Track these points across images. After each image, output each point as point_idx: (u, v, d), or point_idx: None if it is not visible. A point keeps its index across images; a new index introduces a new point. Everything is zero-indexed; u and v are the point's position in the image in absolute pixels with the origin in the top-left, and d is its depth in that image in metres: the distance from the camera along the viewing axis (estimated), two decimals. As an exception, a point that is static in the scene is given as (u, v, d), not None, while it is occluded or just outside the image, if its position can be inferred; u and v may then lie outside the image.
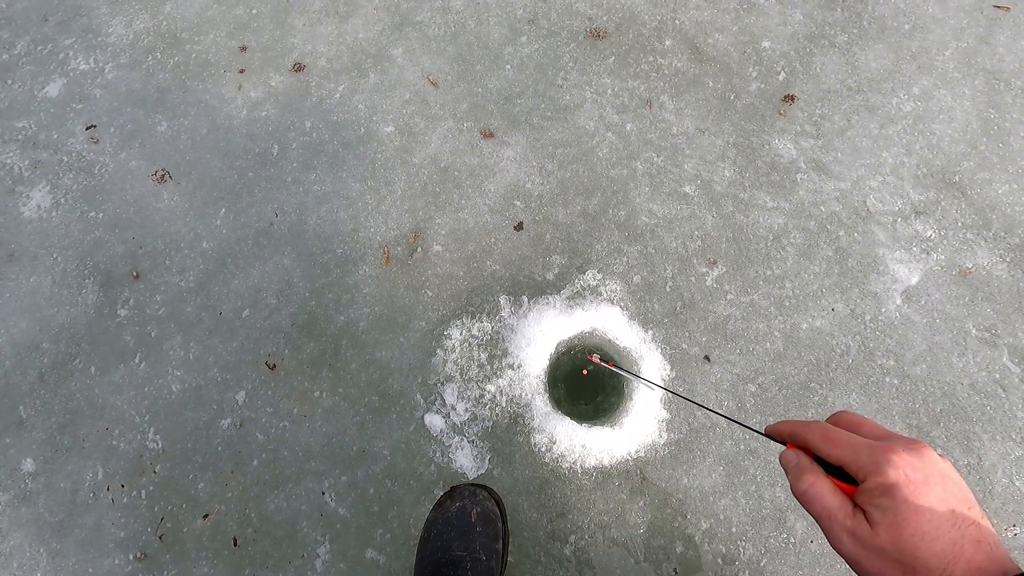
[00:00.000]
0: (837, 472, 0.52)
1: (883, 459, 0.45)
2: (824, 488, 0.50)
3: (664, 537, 1.42)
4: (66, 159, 1.93)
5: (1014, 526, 1.35)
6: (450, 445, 1.50)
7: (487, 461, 1.49)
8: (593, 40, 2.01)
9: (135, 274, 1.75)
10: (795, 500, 1.39)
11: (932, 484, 0.45)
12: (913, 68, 1.88)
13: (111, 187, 1.88)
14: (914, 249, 1.65)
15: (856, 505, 0.48)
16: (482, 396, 1.54)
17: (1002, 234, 1.64)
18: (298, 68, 2.04)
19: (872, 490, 0.45)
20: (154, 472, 1.54)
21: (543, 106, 1.90)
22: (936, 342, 1.54)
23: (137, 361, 1.65)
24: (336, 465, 1.51)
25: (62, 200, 1.87)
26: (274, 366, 1.62)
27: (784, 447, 0.62)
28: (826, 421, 0.57)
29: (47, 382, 1.64)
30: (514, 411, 1.52)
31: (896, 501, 0.43)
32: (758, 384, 1.53)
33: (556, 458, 1.47)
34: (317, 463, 1.52)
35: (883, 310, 1.59)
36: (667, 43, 1.99)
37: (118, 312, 1.71)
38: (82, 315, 1.71)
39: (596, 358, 1.36)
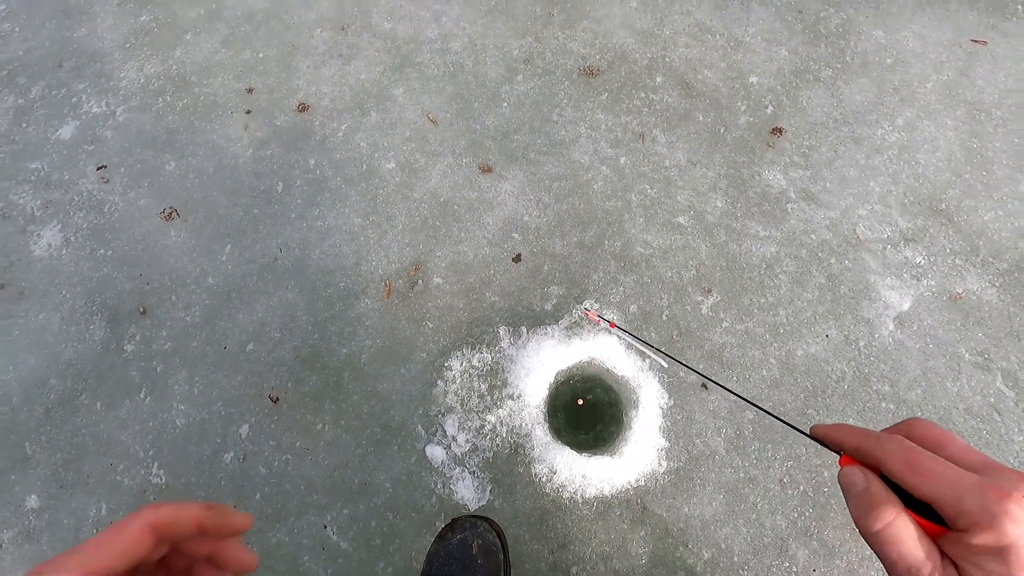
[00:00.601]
0: (918, 504, 0.40)
1: (998, 508, 0.33)
2: (906, 531, 0.38)
3: (666, 567, 1.42)
4: (77, 199, 1.99)
5: (1016, 552, 1.35)
6: (451, 476, 1.51)
7: (488, 492, 1.49)
8: (586, 78, 2.08)
9: (142, 310, 1.79)
10: (801, 529, 1.40)
11: None
12: (896, 100, 1.95)
13: (120, 225, 1.93)
14: (904, 275, 1.68)
15: (944, 555, 0.37)
16: (483, 427, 1.55)
17: (990, 260, 1.68)
18: (302, 108, 2.11)
19: (978, 547, 0.34)
20: (157, 507, 1.54)
21: (539, 141, 1.97)
22: (930, 367, 1.56)
23: (142, 396, 1.67)
24: (338, 498, 1.52)
25: (72, 238, 1.92)
26: (277, 399, 1.64)
27: (837, 456, 0.49)
28: (896, 430, 0.45)
29: (53, 418, 1.66)
30: (514, 441, 1.54)
31: (1012, 568, 0.33)
32: (755, 411, 1.54)
33: (557, 488, 1.48)
34: (319, 496, 1.53)
35: (876, 336, 1.61)
36: (658, 80, 2.06)
37: (124, 348, 1.74)
38: (89, 351, 1.74)
39: (593, 314, 1.32)
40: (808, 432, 0.53)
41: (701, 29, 2.15)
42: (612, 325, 1.12)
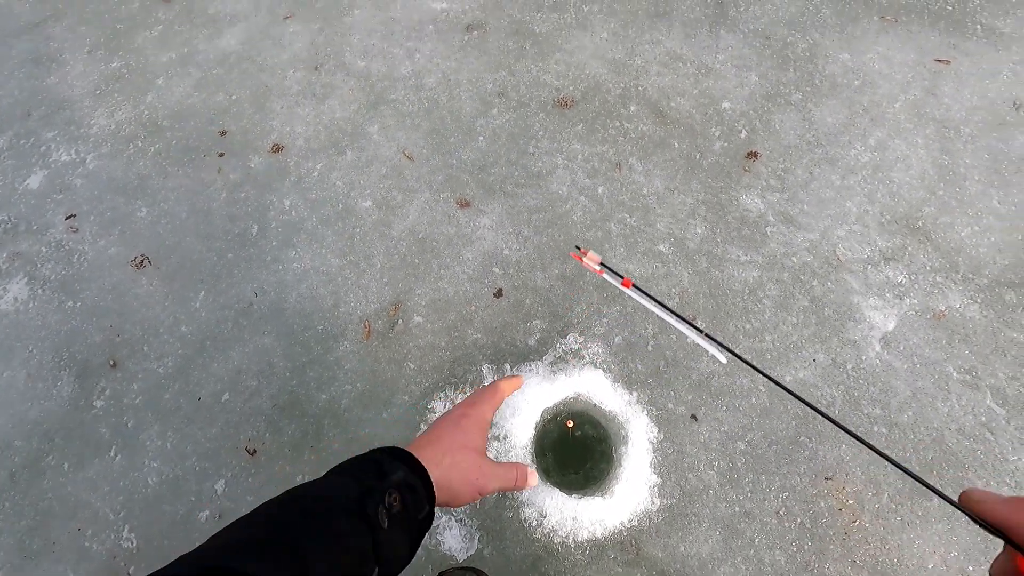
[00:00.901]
0: None
1: None
2: None
3: (665, 611, 1.36)
4: (45, 250, 1.94)
5: (1020, 577, 1.32)
6: (438, 526, 1.45)
7: (477, 540, 1.44)
8: (561, 109, 2.09)
9: (112, 363, 1.73)
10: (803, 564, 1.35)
11: None
12: (867, 121, 1.97)
13: (89, 275, 1.88)
14: (887, 295, 1.67)
15: None
16: (469, 471, 1.50)
17: (970, 276, 1.68)
18: (277, 149, 2.09)
19: None
20: (128, 574, 1.46)
21: (516, 174, 1.96)
22: (919, 387, 1.54)
23: (112, 454, 1.60)
24: (320, 554, 1.45)
25: (39, 291, 1.86)
26: (254, 451, 1.58)
27: (996, 536, 0.38)
28: None
29: (18, 482, 1.58)
30: (502, 484, 1.49)
31: None
32: (747, 441, 1.51)
33: (548, 533, 1.43)
34: (300, 553, 1.45)
35: (864, 358, 1.59)
36: (632, 108, 2.07)
37: (94, 403, 1.67)
38: (57, 409, 1.67)
39: (586, 256, 0.76)
40: (958, 503, 0.41)
41: (672, 57, 2.18)
42: (627, 283, 0.71)
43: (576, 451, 1.54)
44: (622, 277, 0.73)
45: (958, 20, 2.17)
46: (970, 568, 1.33)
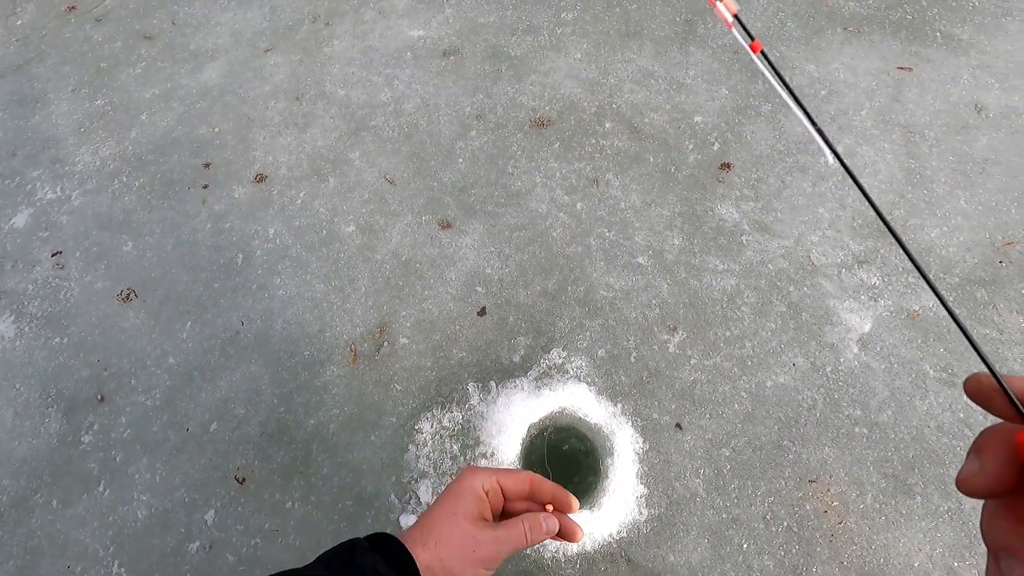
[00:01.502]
0: None
1: None
2: None
3: (657, 622, 1.36)
4: (31, 288, 1.95)
5: (1005, 571, 1.33)
6: (428, 546, 1.45)
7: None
8: (538, 129, 2.14)
9: (100, 397, 1.73)
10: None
11: None
12: (834, 129, 2.03)
13: (76, 311, 1.89)
14: (862, 297, 1.71)
15: None
16: (457, 490, 1.51)
17: (941, 275, 1.72)
18: (260, 179, 2.13)
19: None
20: (119, 610, 1.46)
21: (496, 194, 2.00)
22: (897, 387, 1.57)
23: (101, 489, 1.60)
24: (312, 580, 1.45)
25: (26, 329, 1.87)
26: (244, 480, 1.58)
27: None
28: None
29: (6, 522, 1.58)
30: (491, 502, 1.49)
31: None
32: (731, 448, 1.53)
33: (537, 548, 1.43)
34: (291, 580, 1.45)
35: (842, 360, 1.62)
36: (607, 125, 2.12)
37: (82, 439, 1.67)
38: (44, 445, 1.67)
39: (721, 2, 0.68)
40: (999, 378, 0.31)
41: (644, 75, 2.24)
42: (756, 47, 0.59)
43: (563, 465, 1.55)
44: (752, 39, 0.58)
45: (918, 28, 2.24)
46: (956, 564, 1.35)
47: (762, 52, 0.67)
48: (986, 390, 0.31)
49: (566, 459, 1.56)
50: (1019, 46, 2.14)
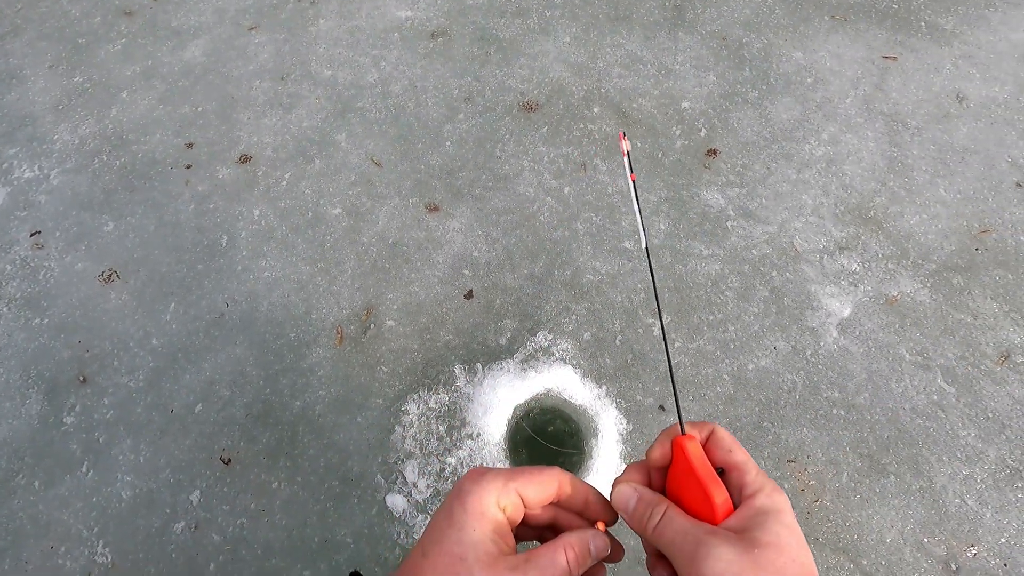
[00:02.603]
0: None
1: (771, 483, 0.40)
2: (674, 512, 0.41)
3: (638, 597, 1.40)
4: (9, 268, 1.92)
5: (972, 546, 1.38)
6: (414, 525, 1.47)
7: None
8: (526, 112, 2.13)
9: (82, 378, 1.72)
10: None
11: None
12: (820, 117, 2.05)
13: (56, 292, 1.86)
14: (842, 283, 1.74)
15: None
16: (443, 470, 1.53)
17: (920, 262, 1.76)
18: (244, 160, 2.10)
19: (760, 509, 0.38)
20: (103, 589, 1.46)
21: (484, 177, 1.99)
22: (874, 370, 1.61)
23: (84, 470, 1.59)
24: (298, 559, 1.46)
25: (4, 310, 1.84)
26: (229, 460, 1.58)
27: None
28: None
29: (-13, 503, 1.56)
30: (477, 482, 1.51)
31: (786, 524, 0.37)
32: (713, 429, 1.55)
33: (522, 527, 1.45)
34: (278, 560, 1.46)
35: (822, 344, 1.66)
36: (595, 110, 2.12)
37: (64, 420, 1.66)
38: (26, 427, 1.66)
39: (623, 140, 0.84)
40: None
41: (633, 60, 2.24)
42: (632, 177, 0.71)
43: (548, 446, 1.57)
44: (632, 171, 0.71)
45: (903, 18, 2.26)
46: (926, 540, 1.39)
47: (633, 181, 0.77)
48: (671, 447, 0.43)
49: (551, 439, 1.58)
50: (1000, 37, 2.17)
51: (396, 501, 1.49)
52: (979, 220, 1.81)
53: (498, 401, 1.57)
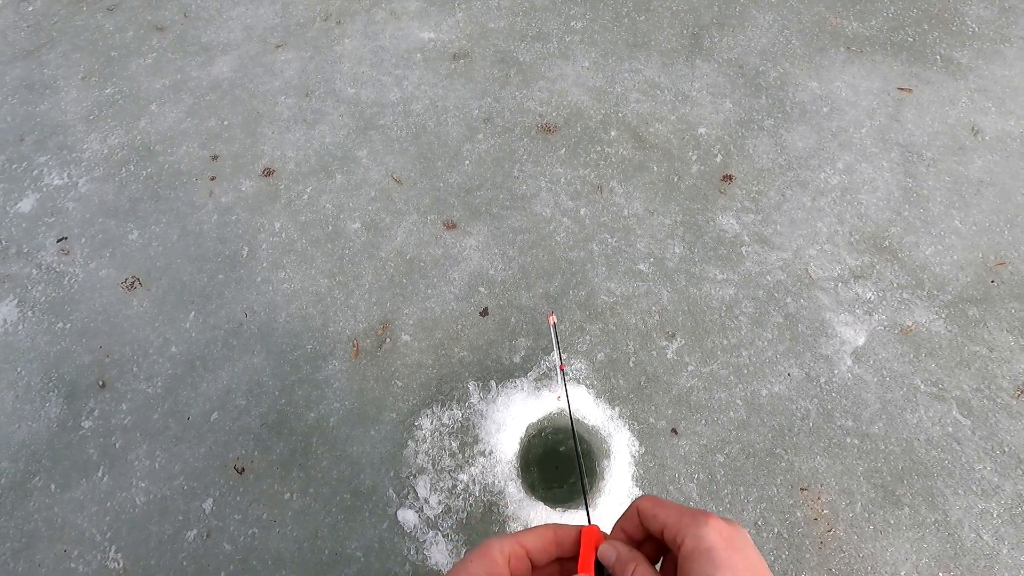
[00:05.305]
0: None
1: (702, 522, 0.43)
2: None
3: (648, 623, 1.38)
4: (35, 272, 1.96)
5: (988, 582, 1.37)
6: (424, 541, 1.47)
7: (463, 555, 1.46)
8: (544, 134, 2.17)
9: (101, 383, 1.74)
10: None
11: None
12: (835, 145, 2.07)
13: (80, 297, 1.90)
14: (857, 311, 1.74)
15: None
16: (455, 486, 1.53)
17: (935, 292, 1.76)
18: (268, 173, 2.14)
19: (690, 554, 0.42)
20: (114, 595, 1.46)
21: (501, 196, 2.02)
22: (889, 400, 1.61)
23: (100, 475, 1.61)
24: (308, 571, 1.46)
25: (29, 313, 1.88)
26: (243, 470, 1.60)
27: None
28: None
29: (3, 504, 1.58)
30: (488, 500, 1.51)
31: (716, 565, 0.41)
32: (726, 454, 1.55)
33: (533, 546, 1.45)
34: (288, 571, 1.47)
35: (836, 372, 1.66)
36: (612, 133, 2.16)
37: (82, 424, 1.68)
38: (44, 430, 1.68)
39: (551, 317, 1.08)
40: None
41: (650, 85, 2.28)
42: (561, 367, 0.93)
43: (560, 465, 1.57)
44: (561, 362, 0.82)
45: (919, 51, 2.29)
46: (940, 575, 1.38)
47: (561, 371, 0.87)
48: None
49: (563, 460, 1.58)
50: (1016, 72, 2.19)
51: (407, 516, 1.50)
52: (994, 252, 1.81)
53: (511, 419, 1.58)
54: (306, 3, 2.69)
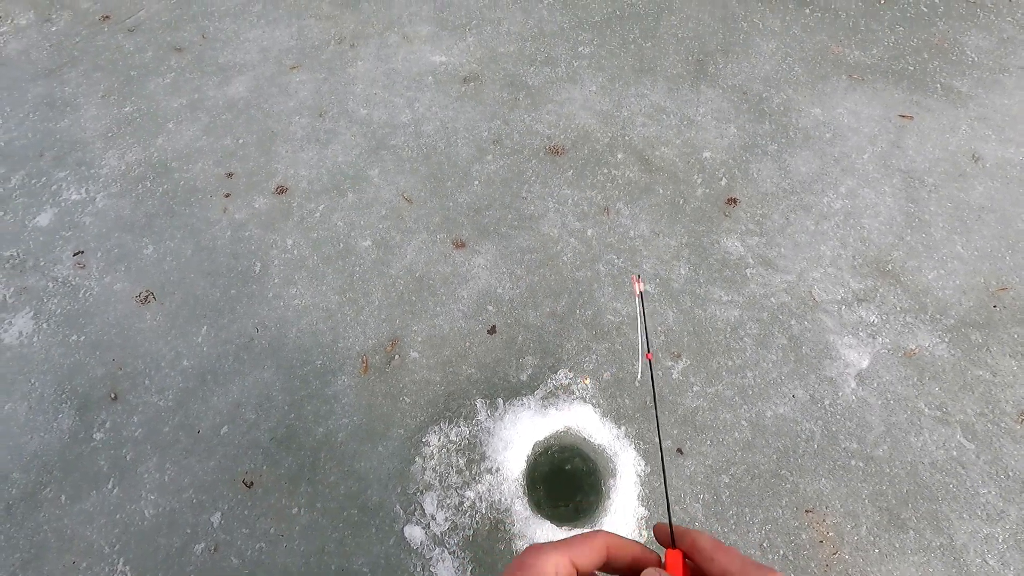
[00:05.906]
0: None
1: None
2: None
3: (653, 644, 1.38)
4: (51, 285, 2.00)
5: (995, 608, 1.36)
6: (431, 558, 1.48)
7: (469, 573, 1.46)
8: (552, 156, 2.22)
9: (113, 395, 1.77)
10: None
11: None
12: (838, 171, 2.11)
13: (94, 310, 1.93)
14: (861, 334, 1.76)
15: None
16: (461, 503, 1.54)
17: (938, 316, 1.78)
18: (281, 190, 2.19)
19: None
20: (121, 608, 1.47)
21: (510, 217, 2.06)
22: (893, 423, 1.62)
23: (110, 487, 1.62)
24: (314, 587, 1.47)
25: (44, 325, 1.91)
26: (251, 484, 1.61)
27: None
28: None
29: (14, 514, 1.60)
30: (494, 517, 1.52)
31: None
32: (731, 475, 1.56)
33: (538, 565, 1.46)
34: (294, 586, 1.47)
35: (840, 394, 1.67)
36: (619, 156, 2.20)
37: (93, 436, 1.70)
38: (56, 441, 1.70)
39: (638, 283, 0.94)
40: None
41: (656, 110, 2.33)
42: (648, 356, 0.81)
43: (566, 484, 1.58)
44: (648, 350, 0.76)
45: (919, 79, 2.34)
46: (946, 599, 1.38)
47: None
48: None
49: (569, 478, 1.59)
50: (1015, 100, 2.24)
51: (414, 532, 1.50)
52: (996, 278, 1.84)
53: (518, 436, 1.60)
54: (321, 26, 2.77)
